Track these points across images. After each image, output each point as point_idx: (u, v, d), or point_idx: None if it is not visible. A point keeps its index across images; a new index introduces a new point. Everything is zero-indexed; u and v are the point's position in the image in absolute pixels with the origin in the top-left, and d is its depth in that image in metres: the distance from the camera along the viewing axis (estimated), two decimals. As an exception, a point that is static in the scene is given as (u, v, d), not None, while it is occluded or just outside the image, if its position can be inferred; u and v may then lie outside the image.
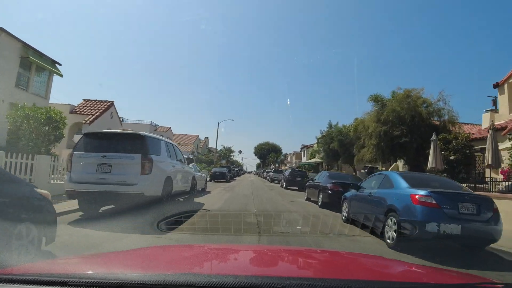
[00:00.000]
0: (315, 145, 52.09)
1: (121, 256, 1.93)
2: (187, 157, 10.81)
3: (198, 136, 61.20)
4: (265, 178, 51.50)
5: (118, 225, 6.00)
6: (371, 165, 35.83)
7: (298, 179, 23.92)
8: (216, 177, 29.77)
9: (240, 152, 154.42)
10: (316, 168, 43.33)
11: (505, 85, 16.21)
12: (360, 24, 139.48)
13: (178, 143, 56.68)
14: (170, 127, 53.19)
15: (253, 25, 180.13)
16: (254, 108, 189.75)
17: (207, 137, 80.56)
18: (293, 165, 64.78)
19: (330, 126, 30.05)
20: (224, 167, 37.28)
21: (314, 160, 41.58)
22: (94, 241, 5.01)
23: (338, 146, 27.63)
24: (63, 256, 2.77)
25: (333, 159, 29.53)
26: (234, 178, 42.59)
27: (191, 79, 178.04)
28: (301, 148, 64.32)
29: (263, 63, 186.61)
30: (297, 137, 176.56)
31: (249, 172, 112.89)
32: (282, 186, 26.49)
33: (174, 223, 6.02)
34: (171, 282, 1.13)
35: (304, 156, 62.29)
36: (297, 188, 23.90)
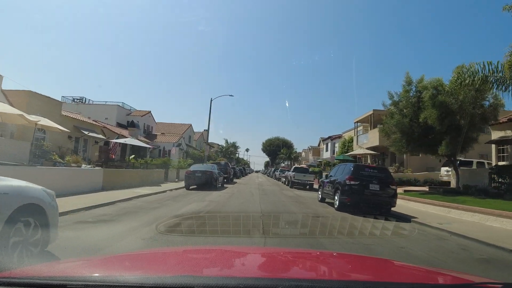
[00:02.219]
0: (347, 134, 37.94)
1: (120, 258, 1.88)
2: None
3: (190, 125, 47.50)
4: (278, 179, 37.56)
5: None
6: (462, 158, 21.58)
7: (376, 191, 9.92)
8: (195, 182, 16.02)
9: (247, 150, 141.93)
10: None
11: None
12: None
13: (162, 133, 43.31)
14: (150, 111, 39.63)
15: (255, 23, 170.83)
16: (257, 107, 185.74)
17: (206, 130, 66.95)
18: (313, 161, 50.62)
19: (409, 83, 15.79)
20: (215, 163, 23.65)
21: (355, 152, 27.31)
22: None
23: (436, 117, 13.46)
24: (62, 259, 2.43)
25: (420, 144, 15.26)
26: (235, 181, 28.80)
27: (193, 77, 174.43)
28: (323, 140, 50.05)
29: (266, 61, 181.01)
30: (304, 136, 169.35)
31: (256, 171, 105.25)
32: (321, 200, 12.60)
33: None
34: (170, 285, 1.10)
35: (327, 151, 48.05)
36: (361, 213, 10.04)
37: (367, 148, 25.65)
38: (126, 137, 19.89)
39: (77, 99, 37.57)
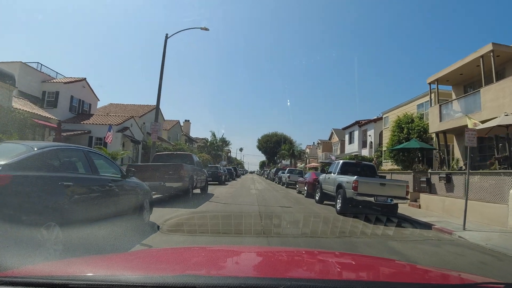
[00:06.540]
0: (396, 111, 22.69)
1: (122, 258, 1.85)
2: None
3: (159, 111, 33.35)
4: (287, 185, 23.52)
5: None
6: None
7: None
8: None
9: (241, 149, 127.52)
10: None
11: None
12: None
13: (107, 113, 28.84)
14: (84, 78, 25.34)
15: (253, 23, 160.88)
16: (249, 105, 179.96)
17: (188, 120, 52.72)
18: (328, 158, 36.98)
19: None
20: (170, 154, 9.89)
21: (487, 125, 13.33)
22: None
23: None
24: (64, 258, 2.31)
25: None
26: (211, 193, 14.91)
27: (193, 76, 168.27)
28: (345, 128, 36.21)
29: (265, 61, 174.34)
30: (303, 134, 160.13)
31: (251, 172, 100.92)
32: None
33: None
34: (172, 284, 1.07)
35: (351, 143, 34.23)
36: None
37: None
38: None
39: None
